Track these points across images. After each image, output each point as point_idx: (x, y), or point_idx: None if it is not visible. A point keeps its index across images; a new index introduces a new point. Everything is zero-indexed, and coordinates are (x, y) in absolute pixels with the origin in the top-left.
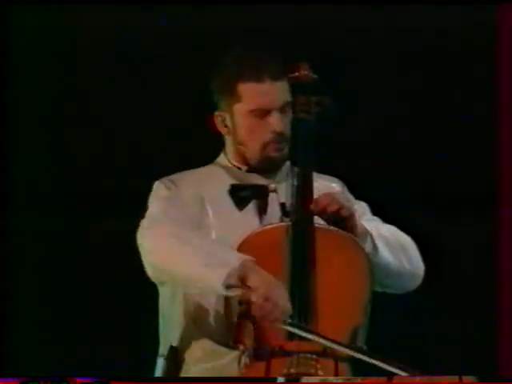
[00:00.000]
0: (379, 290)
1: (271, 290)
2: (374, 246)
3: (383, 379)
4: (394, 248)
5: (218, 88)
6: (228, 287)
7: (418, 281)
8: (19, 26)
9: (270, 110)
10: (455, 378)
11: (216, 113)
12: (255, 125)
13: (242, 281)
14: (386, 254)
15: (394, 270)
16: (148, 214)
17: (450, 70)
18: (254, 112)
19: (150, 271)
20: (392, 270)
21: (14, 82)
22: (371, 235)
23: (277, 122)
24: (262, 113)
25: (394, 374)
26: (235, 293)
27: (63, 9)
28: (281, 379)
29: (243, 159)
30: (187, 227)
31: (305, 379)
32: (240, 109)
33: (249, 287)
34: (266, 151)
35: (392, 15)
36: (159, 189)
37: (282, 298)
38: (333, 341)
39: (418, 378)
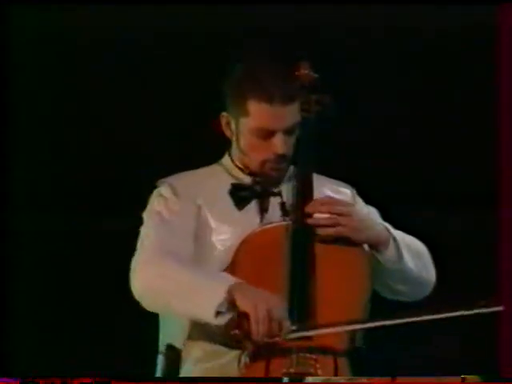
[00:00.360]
0: (391, 297)
1: (262, 309)
2: (399, 252)
3: (387, 379)
4: (414, 254)
5: (228, 93)
6: (218, 315)
7: (430, 289)
8: (19, 26)
9: (275, 132)
10: (458, 379)
11: (223, 113)
12: (258, 143)
13: (233, 306)
14: (408, 261)
15: (413, 276)
16: (141, 245)
17: (450, 70)
18: (258, 131)
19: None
20: (411, 276)
21: (14, 82)
22: (395, 240)
23: (280, 144)
24: (267, 133)
25: (398, 373)
26: (227, 318)
27: (63, 9)
28: (285, 379)
29: (245, 164)
30: (180, 253)
31: (310, 379)
32: (246, 123)
33: (240, 312)
34: (264, 168)
35: (392, 15)
36: (156, 202)
37: (275, 313)
38: (334, 325)
39: (421, 378)
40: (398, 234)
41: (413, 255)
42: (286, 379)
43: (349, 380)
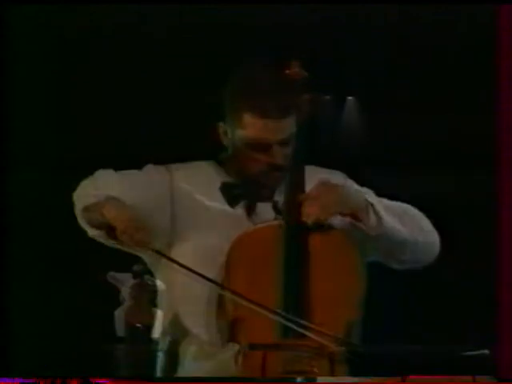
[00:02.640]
0: (397, 267)
1: (124, 220)
2: (378, 217)
3: (397, 378)
4: (402, 218)
5: (225, 104)
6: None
7: (434, 251)
8: (19, 26)
9: (271, 143)
10: (469, 378)
11: (220, 123)
12: (254, 153)
13: (100, 210)
14: (391, 222)
15: (406, 240)
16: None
17: (450, 70)
18: (254, 143)
19: None
20: (403, 240)
21: (14, 81)
22: (373, 205)
23: (275, 156)
24: (263, 145)
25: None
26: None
27: (63, 9)
28: (297, 379)
29: (241, 171)
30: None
31: (320, 379)
32: (242, 135)
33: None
34: (259, 178)
35: (392, 15)
36: (146, 169)
37: (138, 223)
38: (326, 334)
39: (431, 378)
40: (376, 199)
41: (398, 217)
42: (298, 379)
43: (359, 380)
